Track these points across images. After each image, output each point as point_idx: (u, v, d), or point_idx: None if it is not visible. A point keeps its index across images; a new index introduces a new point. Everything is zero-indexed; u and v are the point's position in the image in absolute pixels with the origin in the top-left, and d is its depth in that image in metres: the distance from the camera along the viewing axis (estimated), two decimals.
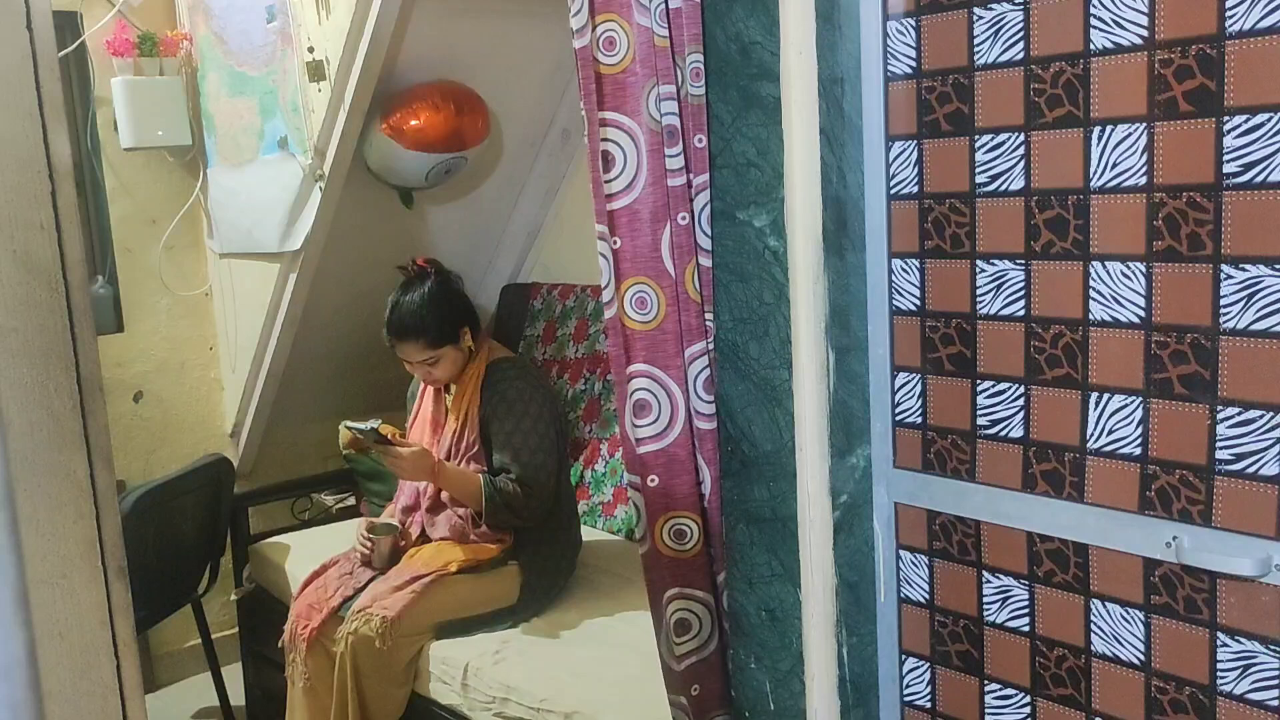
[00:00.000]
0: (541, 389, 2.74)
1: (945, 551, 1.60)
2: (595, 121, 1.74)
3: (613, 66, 1.71)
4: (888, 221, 1.59)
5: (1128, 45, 1.31)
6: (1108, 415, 1.39)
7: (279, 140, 3.14)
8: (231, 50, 3.23)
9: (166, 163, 3.55)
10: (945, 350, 1.55)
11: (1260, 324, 1.25)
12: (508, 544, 2.70)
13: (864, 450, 1.66)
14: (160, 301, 3.63)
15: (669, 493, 1.79)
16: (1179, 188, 1.29)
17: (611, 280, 1.77)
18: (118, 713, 1.21)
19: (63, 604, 1.16)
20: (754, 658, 1.79)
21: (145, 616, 2.90)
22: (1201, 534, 1.32)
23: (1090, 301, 1.39)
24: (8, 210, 1.10)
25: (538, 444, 2.64)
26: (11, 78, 1.11)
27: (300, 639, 2.60)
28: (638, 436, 1.78)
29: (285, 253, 3.22)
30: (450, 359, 2.67)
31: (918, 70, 1.52)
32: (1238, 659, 1.32)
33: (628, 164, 1.72)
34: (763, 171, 1.64)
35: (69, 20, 3.27)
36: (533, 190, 3.66)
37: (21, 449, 1.11)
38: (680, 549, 1.81)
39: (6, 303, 1.10)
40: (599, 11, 1.70)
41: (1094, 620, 1.45)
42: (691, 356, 1.76)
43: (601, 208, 1.76)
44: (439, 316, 2.64)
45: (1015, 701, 1.56)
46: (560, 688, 2.31)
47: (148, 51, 3.34)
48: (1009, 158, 1.44)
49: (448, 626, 2.57)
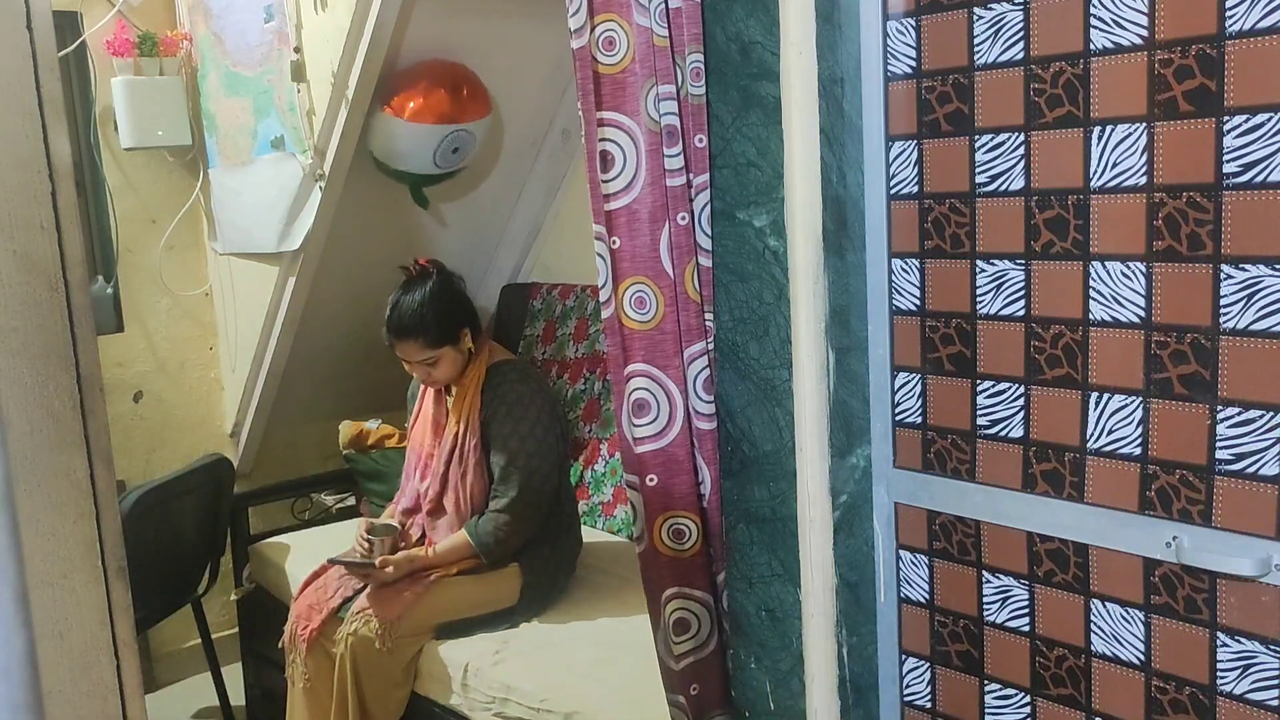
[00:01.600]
0: (542, 392, 2.74)
1: (945, 551, 1.60)
2: (593, 121, 1.74)
3: (612, 66, 1.71)
4: (888, 221, 1.59)
5: (1128, 45, 1.31)
6: (1108, 415, 1.39)
7: (272, 140, 3.14)
8: (227, 50, 3.23)
9: (166, 163, 3.55)
10: (945, 350, 1.55)
11: (1260, 324, 1.25)
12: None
13: (864, 450, 1.66)
14: (160, 301, 3.63)
15: (668, 492, 1.79)
16: (1179, 188, 1.29)
17: (609, 280, 1.77)
18: (118, 713, 1.21)
19: (63, 604, 1.16)
20: (754, 658, 1.79)
21: (145, 616, 2.90)
22: (1201, 534, 1.32)
23: (1090, 301, 1.39)
24: (8, 210, 1.10)
25: (535, 448, 2.64)
26: (11, 78, 1.11)
27: (300, 639, 2.60)
28: (636, 436, 1.78)
29: (285, 253, 3.23)
30: (449, 360, 2.67)
31: (918, 70, 1.52)
32: (1238, 659, 1.32)
33: (627, 164, 1.72)
34: (763, 171, 1.64)
35: (69, 20, 3.27)
36: (533, 190, 3.66)
37: (21, 449, 1.11)
38: (679, 549, 1.81)
39: (6, 303, 1.10)
40: (598, 12, 1.70)
41: (1094, 620, 1.45)
42: (691, 356, 1.76)
43: (599, 207, 1.76)
44: (439, 316, 2.64)
45: (1015, 701, 1.56)
46: (560, 688, 2.31)
47: (148, 51, 3.34)
48: (1009, 158, 1.44)
49: (448, 627, 2.58)
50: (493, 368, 2.73)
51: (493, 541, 2.60)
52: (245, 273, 3.48)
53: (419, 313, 2.62)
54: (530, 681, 2.36)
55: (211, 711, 3.38)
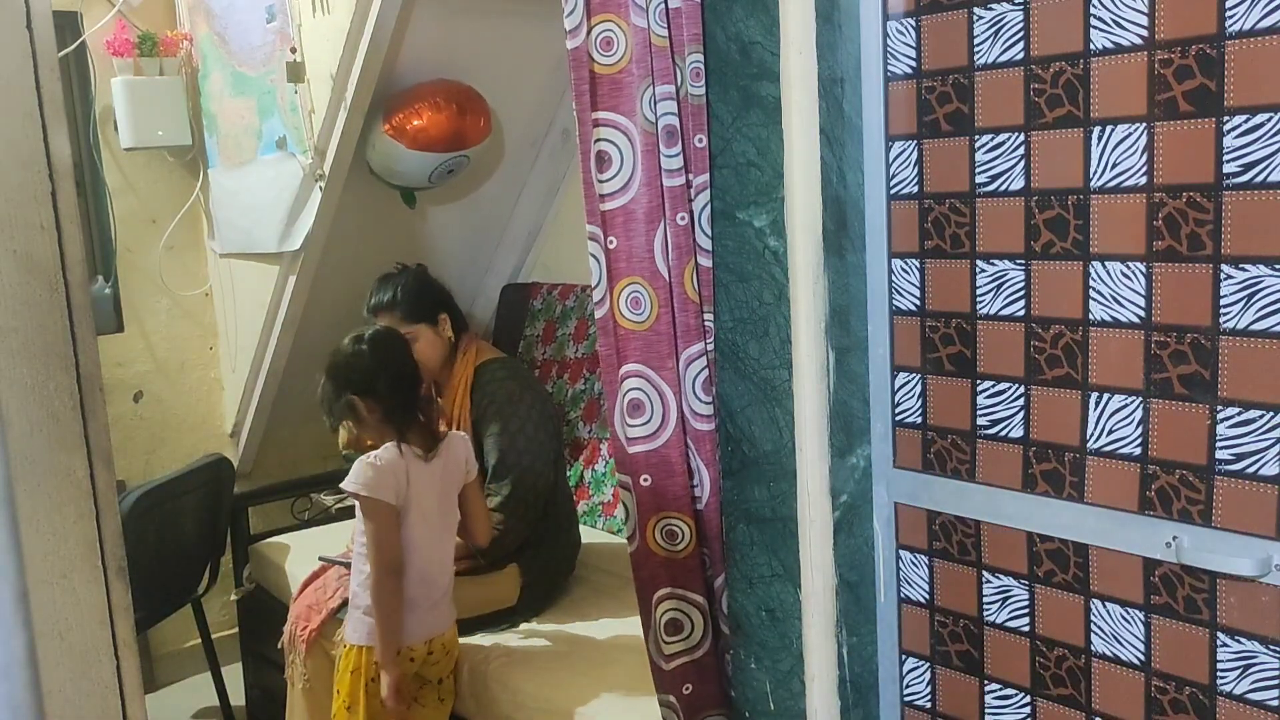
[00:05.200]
0: (531, 389, 2.74)
1: (945, 551, 1.60)
2: (588, 122, 1.74)
3: (609, 67, 1.71)
4: (888, 221, 1.59)
5: (1128, 45, 1.31)
6: (1108, 415, 1.39)
7: (277, 140, 3.14)
8: (232, 50, 3.23)
9: (166, 163, 3.55)
10: (945, 350, 1.55)
11: (1260, 324, 1.25)
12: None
13: (864, 450, 1.66)
14: (160, 301, 3.63)
15: (661, 493, 1.79)
16: (1179, 188, 1.29)
17: (603, 280, 1.77)
18: (118, 713, 1.21)
19: (63, 604, 1.16)
20: (754, 658, 1.79)
21: (145, 616, 2.90)
22: (1201, 534, 1.32)
23: (1090, 301, 1.39)
24: (8, 210, 1.10)
25: (526, 444, 2.64)
26: (11, 78, 1.11)
27: (300, 640, 2.60)
28: (629, 436, 1.78)
29: (285, 253, 3.23)
30: (428, 340, 2.68)
31: (918, 70, 1.52)
32: (1238, 659, 1.32)
33: (624, 164, 1.72)
34: (763, 171, 1.64)
35: (69, 20, 3.27)
36: (533, 190, 3.66)
37: (21, 449, 1.11)
38: (672, 549, 1.81)
39: (6, 303, 1.11)
40: (596, 12, 1.70)
41: (1094, 620, 1.45)
42: (690, 357, 1.76)
43: (594, 207, 1.76)
44: (414, 293, 2.70)
45: (1015, 701, 1.56)
46: (560, 688, 2.31)
47: (148, 51, 3.34)
48: (1009, 158, 1.44)
49: None
50: (481, 367, 2.73)
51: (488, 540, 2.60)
52: (245, 273, 3.48)
53: (394, 287, 2.71)
54: (530, 681, 2.36)
55: (211, 711, 3.38)
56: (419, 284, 2.74)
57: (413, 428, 2.25)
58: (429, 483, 2.25)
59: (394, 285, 2.71)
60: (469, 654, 2.50)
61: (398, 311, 2.68)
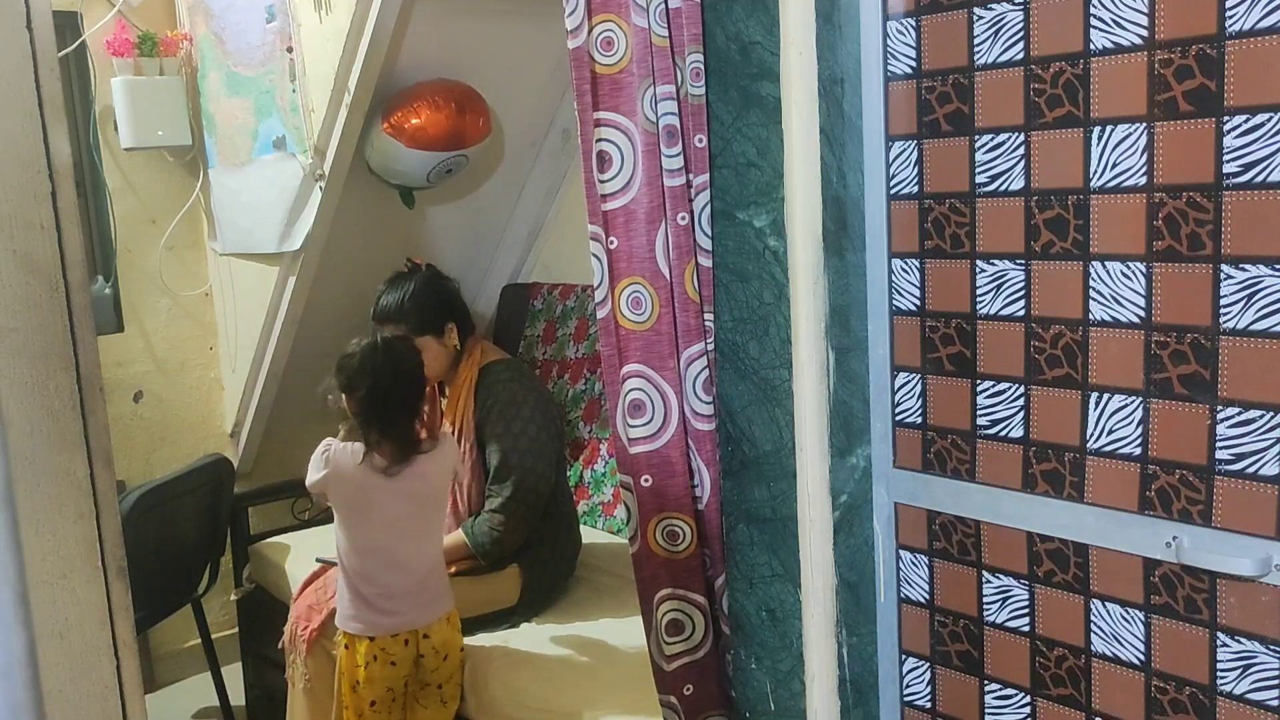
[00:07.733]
0: (535, 391, 2.74)
1: (945, 551, 1.60)
2: (590, 122, 1.74)
3: (610, 66, 1.71)
4: (888, 221, 1.59)
5: (1128, 45, 1.31)
6: (1108, 415, 1.39)
7: (274, 141, 3.14)
8: (228, 50, 3.23)
9: (166, 163, 3.55)
10: (945, 350, 1.55)
11: (1260, 324, 1.25)
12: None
13: (864, 450, 1.66)
14: (160, 301, 3.63)
15: (662, 493, 1.79)
16: (1179, 188, 1.29)
17: (605, 280, 1.77)
18: (118, 713, 1.21)
19: (63, 604, 1.16)
20: (754, 658, 1.79)
21: (145, 616, 2.89)
22: (1201, 534, 1.32)
23: (1090, 301, 1.39)
24: (8, 210, 1.10)
25: (529, 446, 2.64)
26: (11, 78, 1.11)
27: (300, 640, 2.60)
28: (631, 437, 1.78)
29: (285, 253, 3.22)
30: (433, 352, 2.66)
31: (918, 70, 1.52)
32: (1238, 659, 1.32)
33: (625, 164, 1.72)
34: (763, 171, 1.65)
35: (69, 20, 3.27)
36: (533, 190, 3.66)
37: (21, 449, 1.11)
38: (673, 550, 1.81)
39: (6, 303, 1.10)
40: (596, 12, 1.70)
41: (1094, 620, 1.45)
42: (690, 357, 1.76)
43: (596, 208, 1.76)
44: (420, 305, 2.66)
45: (1015, 701, 1.56)
46: (560, 688, 2.31)
47: (148, 51, 3.34)
48: (1009, 158, 1.44)
49: None
50: (485, 368, 2.73)
51: (489, 541, 2.60)
52: (245, 273, 3.48)
53: (401, 299, 2.66)
54: (530, 682, 2.36)
55: (211, 711, 3.38)
56: (427, 291, 2.68)
57: (384, 442, 2.28)
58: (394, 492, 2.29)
59: (402, 292, 2.66)
60: (469, 654, 2.49)
61: (404, 323, 2.64)
